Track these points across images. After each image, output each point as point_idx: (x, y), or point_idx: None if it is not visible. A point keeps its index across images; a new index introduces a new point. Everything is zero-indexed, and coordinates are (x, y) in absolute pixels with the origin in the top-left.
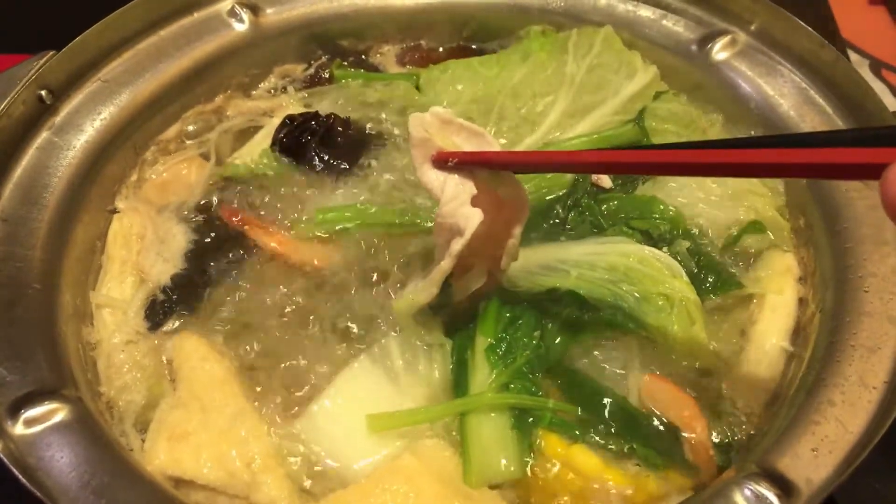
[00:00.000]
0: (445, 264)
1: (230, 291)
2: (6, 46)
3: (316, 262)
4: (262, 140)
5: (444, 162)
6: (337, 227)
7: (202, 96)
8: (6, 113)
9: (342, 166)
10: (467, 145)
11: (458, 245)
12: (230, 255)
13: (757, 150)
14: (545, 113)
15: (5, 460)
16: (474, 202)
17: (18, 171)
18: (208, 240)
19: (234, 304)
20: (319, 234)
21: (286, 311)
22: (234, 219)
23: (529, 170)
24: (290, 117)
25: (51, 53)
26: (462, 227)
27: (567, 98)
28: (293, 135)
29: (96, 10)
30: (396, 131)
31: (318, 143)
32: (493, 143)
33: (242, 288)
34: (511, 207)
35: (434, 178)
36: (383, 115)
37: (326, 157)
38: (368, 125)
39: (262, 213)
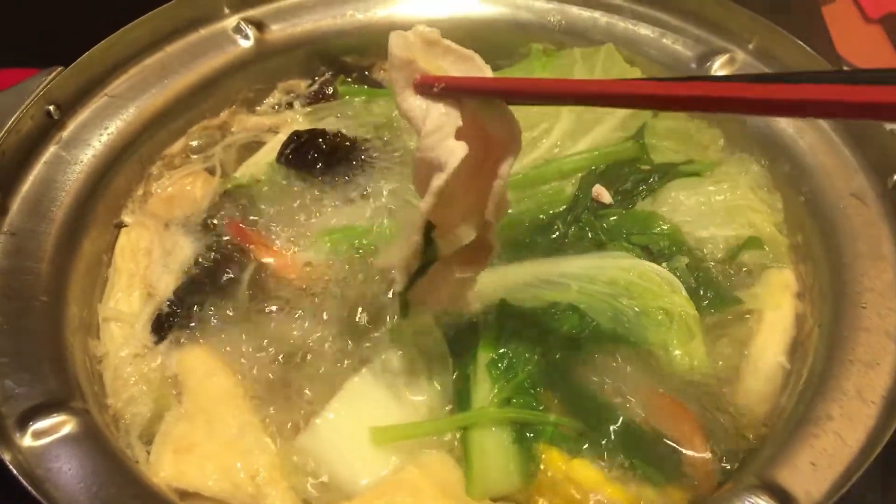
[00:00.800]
0: (425, 204)
1: (235, 306)
2: (14, 61)
3: (318, 279)
4: (267, 155)
5: (428, 87)
6: (339, 246)
7: (207, 111)
8: (15, 128)
9: (346, 183)
10: (455, 70)
11: (439, 180)
12: (235, 270)
13: (785, 86)
14: (547, 131)
15: (14, 472)
16: (458, 136)
17: (27, 186)
18: (213, 254)
19: (239, 319)
20: (322, 252)
21: (289, 325)
22: (238, 234)
23: (525, 99)
24: (297, 133)
25: (59, 69)
26: (444, 161)
27: (570, 118)
28: (299, 150)
29: (104, 26)
30: (400, 147)
31: (323, 160)
32: (484, 69)
33: (247, 302)
34: (500, 146)
35: (416, 105)
36: (387, 132)
37: (331, 174)
38: (372, 141)
39: (266, 228)
